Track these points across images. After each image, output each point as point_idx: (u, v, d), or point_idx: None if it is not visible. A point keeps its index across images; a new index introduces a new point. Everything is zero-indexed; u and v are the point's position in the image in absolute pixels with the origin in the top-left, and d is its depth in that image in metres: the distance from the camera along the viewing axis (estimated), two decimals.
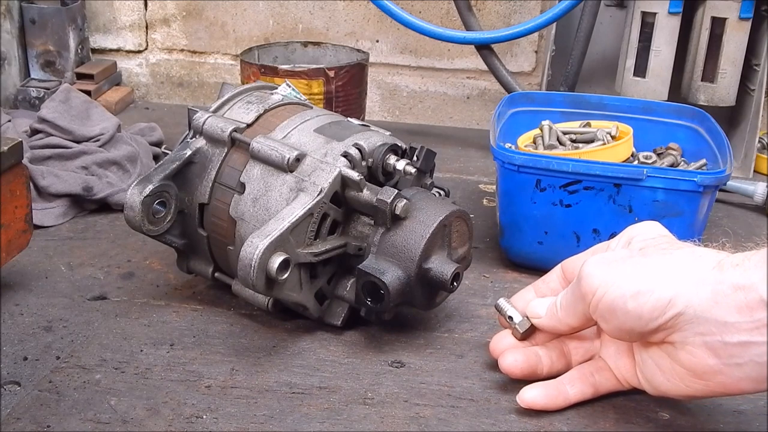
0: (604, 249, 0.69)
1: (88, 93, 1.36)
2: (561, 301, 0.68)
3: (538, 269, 0.86)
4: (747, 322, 0.55)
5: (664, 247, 0.63)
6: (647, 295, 0.58)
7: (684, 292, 0.57)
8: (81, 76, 1.46)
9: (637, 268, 0.60)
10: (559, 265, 0.74)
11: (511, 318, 0.72)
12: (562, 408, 0.68)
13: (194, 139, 0.81)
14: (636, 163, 1.01)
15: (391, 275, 0.73)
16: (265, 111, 0.82)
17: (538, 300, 0.71)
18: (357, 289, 0.74)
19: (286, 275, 0.71)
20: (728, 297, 0.56)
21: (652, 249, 0.63)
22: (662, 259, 0.60)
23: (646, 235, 0.66)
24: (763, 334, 0.55)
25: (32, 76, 1.44)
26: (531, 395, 0.68)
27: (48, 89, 1.38)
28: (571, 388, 0.68)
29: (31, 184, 0.86)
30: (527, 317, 0.71)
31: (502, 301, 0.74)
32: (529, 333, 0.72)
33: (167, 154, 0.82)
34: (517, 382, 0.70)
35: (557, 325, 0.68)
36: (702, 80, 1.23)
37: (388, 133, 0.82)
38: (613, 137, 1.01)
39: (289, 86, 1.11)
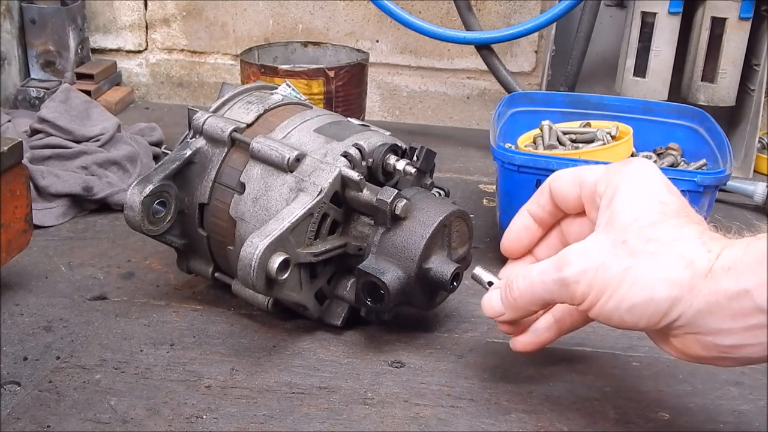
0: (591, 184, 0.65)
1: (88, 93, 1.36)
2: (532, 293, 0.64)
3: None
4: (741, 327, 0.56)
5: (651, 245, 0.59)
6: (642, 308, 0.58)
7: (679, 304, 0.57)
8: (81, 76, 1.46)
9: (628, 276, 0.59)
10: (547, 184, 0.69)
11: (491, 283, 0.70)
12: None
13: (194, 139, 0.81)
14: None
15: (391, 275, 0.73)
16: (265, 111, 0.82)
17: (488, 295, 0.68)
18: (357, 289, 0.74)
19: (286, 275, 0.71)
20: (722, 307, 0.56)
21: (637, 242, 0.60)
22: (652, 265, 0.59)
23: (631, 213, 0.61)
24: (756, 336, 0.55)
25: (32, 76, 1.44)
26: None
27: (48, 89, 1.38)
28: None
29: (31, 184, 0.87)
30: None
31: (478, 270, 0.71)
32: None
33: (167, 154, 0.82)
34: (517, 383, 0.70)
35: (526, 314, 0.67)
36: (702, 80, 1.23)
37: (388, 133, 0.82)
38: (613, 137, 1.01)
39: (289, 86, 1.11)
